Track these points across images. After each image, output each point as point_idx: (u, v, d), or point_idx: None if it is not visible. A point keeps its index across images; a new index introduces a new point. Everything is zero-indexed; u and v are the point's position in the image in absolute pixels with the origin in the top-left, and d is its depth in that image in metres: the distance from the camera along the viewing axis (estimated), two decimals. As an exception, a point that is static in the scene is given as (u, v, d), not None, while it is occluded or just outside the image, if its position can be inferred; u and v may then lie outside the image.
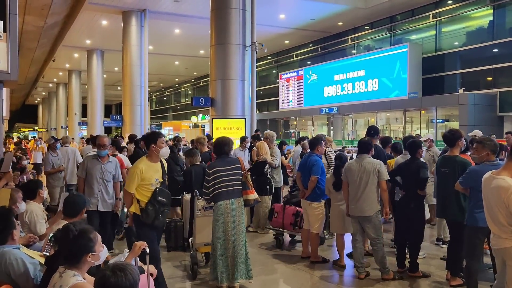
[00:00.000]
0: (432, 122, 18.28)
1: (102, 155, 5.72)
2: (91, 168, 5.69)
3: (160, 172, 4.42)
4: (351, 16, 19.60)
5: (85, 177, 5.71)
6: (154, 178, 4.33)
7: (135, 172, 4.28)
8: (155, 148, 4.39)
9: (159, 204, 4.30)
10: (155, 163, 4.42)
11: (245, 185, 4.95)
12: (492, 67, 16.16)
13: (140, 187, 4.30)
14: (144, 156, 4.48)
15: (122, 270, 2.14)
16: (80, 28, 20.33)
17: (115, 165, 5.85)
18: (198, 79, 37.46)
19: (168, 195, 4.41)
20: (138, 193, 4.32)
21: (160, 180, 4.39)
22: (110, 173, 5.75)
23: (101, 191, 5.68)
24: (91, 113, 26.58)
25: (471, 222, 4.24)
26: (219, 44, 11.77)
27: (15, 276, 2.95)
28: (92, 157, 5.73)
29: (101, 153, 5.70)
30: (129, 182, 4.32)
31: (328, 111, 21.98)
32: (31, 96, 50.62)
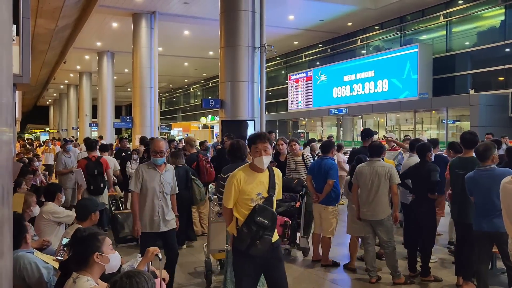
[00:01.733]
0: (443, 123, 18.14)
1: (158, 163, 4.62)
2: (149, 180, 4.54)
3: (266, 185, 3.43)
4: (360, 17, 19.51)
5: (140, 192, 4.58)
6: (256, 192, 3.39)
7: (232, 182, 3.41)
8: (254, 155, 3.47)
9: (258, 226, 3.30)
10: (260, 173, 3.46)
11: None
12: (504, 67, 15.99)
13: (239, 202, 3.43)
14: (247, 164, 3.58)
15: (130, 277, 2.15)
16: (91, 30, 20.49)
17: (172, 174, 4.81)
18: (207, 80, 37.55)
19: (272, 216, 3.37)
20: (236, 209, 3.45)
21: (264, 195, 3.41)
22: (169, 184, 4.69)
23: (162, 208, 4.57)
24: (102, 114, 26.78)
25: (477, 227, 4.25)
26: (229, 46, 11.79)
27: (29, 280, 2.99)
28: (147, 166, 4.63)
29: (157, 161, 4.60)
30: (225, 195, 3.50)
31: (337, 112, 21.92)
32: (42, 98, 51.12)
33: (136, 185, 4.54)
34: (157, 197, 4.54)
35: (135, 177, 4.61)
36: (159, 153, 4.59)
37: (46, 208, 4.58)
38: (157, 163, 4.60)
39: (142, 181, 4.54)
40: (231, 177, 3.48)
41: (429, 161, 5.25)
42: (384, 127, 20.68)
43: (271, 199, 3.45)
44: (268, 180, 3.47)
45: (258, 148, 3.39)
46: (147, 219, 4.52)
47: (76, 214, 3.88)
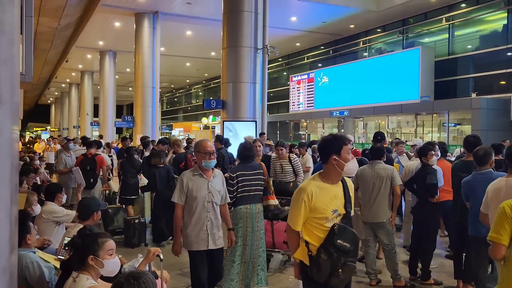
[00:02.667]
0: (444, 126, 18.13)
1: (210, 166, 3.98)
2: (195, 189, 3.88)
3: (341, 199, 2.89)
4: (363, 19, 19.51)
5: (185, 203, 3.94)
6: (331, 208, 2.82)
7: (301, 198, 2.78)
8: (338, 162, 2.81)
9: (338, 251, 2.74)
10: (335, 185, 2.89)
11: (267, 191, 5.15)
12: (506, 71, 15.98)
13: (309, 223, 2.82)
14: (317, 174, 2.94)
15: (136, 278, 2.16)
16: (93, 29, 20.52)
17: (222, 180, 4.11)
18: (209, 80, 37.57)
19: (354, 238, 2.84)
20: (306, 230, 2.83)
21: (341, 212, 2.86)
22: (219, 192, 3.99)
23: (211, 221, 3.90)
24: (103, 114, 26.80)
25: (473, 232, 4.26)
26: (231, 47, 11.79)
27: (31, 279, 2.99)
28: (193, 172, 3.97)
29: (209, 164, 3.94)
30: (293, 214, 2.86)
31: (339, 114, 21.91)
32: (44, 96, 51.15)
33: (181, 197, 3.89)
34: (205, 208, 3.88)
35: (179, 187, 3.93)
36: (212, 154, 3.95)
37: (46, 207, 4.59)
38: (209, 166, 3.94)
39: (188, 191, 3.88)
40: (299, 192, 2.82)
41: (427, 165, 5.24)
42: (385, 130, 20.66)
43: (349, 217, 2.91)
44: (343, 193, 2.91)
45: (343, 155, 2.81)
46: (193, 235, 3.87)
47: (78, 213, 3.89)
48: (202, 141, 4.09)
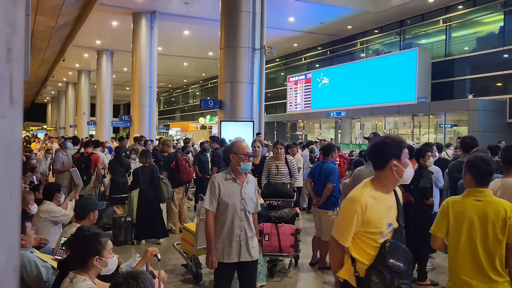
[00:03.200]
0: (441, 127, 18.20)
1: (247, 170, 3.64)
2: (227, 195, 3.53)
3: (395, 211, 2.53)
4: (360, 20, 19.55)
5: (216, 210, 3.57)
6: (386, 222, 2.45)
7: (353, 210, 2.42)
8: (398, 168, 2.45)
9: (392, 272, 2.37)
10: (389, 194, 2.55)
11: None
12: (502, 73, 16.05)
13: (360, 237, 2.46)
14: (367, 180, 2.56)
15: (135, 278, 2.16)
16: (91, 28, 20.47)
17: (254, 187, 3.75)
18: (206, 80, 37.55)
19: (407, 256, 2.47)
20: (354, 246, 2.47)
21: (395, 226, 2.50)
22: (252, 199, 3.64)
23: (244, 231, 3.54)
24: (100, 113, 26.73)
25: None
26: (229, 47, 11.79)
27: (28, 279, 2.98)
28: (225, 176, 3.59)
29: (247, 167, 3.60)
30: (341, 227, 2.51)
31: (336, 115, 21.95)
32: (40, 95, 51.01)
33: (212, 202, 3.53)
34: (238, 216, 3.52)
35: (210, 191, 3.57)
36: (250, 156, 3.62)
37: (43, 207, 4.57)
38: (247, 169, 3.60)
39: (219, 196, 3.53)
40: (351, 202, 2.46)
41: (424, 167, 5.25)
42: (382, 131, 20.72)
43: (401, 231, 2.52)
44: (396, 204, 2.55)
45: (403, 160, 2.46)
46: (224, 246, 3.52)
47: (75, 212, 3.88)
48: (239, 142, 3.73)
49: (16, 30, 0.38)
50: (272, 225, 5.45)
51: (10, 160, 0.38)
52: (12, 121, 0.38)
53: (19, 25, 0.41)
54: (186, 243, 5.51)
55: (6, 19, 0.36)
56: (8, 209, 0.39)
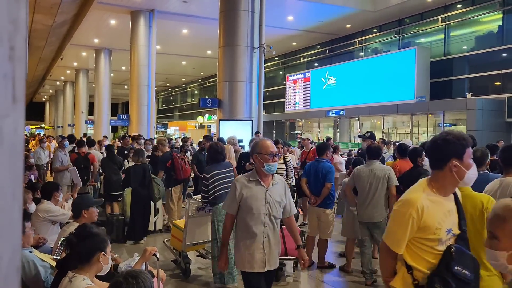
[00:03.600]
0: (439, 126, 18.21)
1: (272, 171, 3.32)
2: (250, 198, 3.25)
3: (456, 215, 2.31)
4: (359, 19, 19.55)
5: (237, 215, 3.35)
6: (445, 228, 2.24)
7: (408, 214, 2.20)
8: (458, 169, 2.22)
9: (458, 281, 2.15)
10: (448, 197, 2.32)
11: None
12: (501, 72, 16.07)
13: (415, 244, 2.26)
14: (423, 181, 2.34)
15: (135, 277, 2.16)
16: (89, 27, 20.42)
17: (284, 188, 3.41)
18: (204, 79, 37.52)
19: (474, 264, 2.25)
20: (410, 253, 2.27)
21: (455, 233, 2.29)
22: (279, 203, 3.31)
23: (268, 238, 3.26)
24: (98, 112, 26.69)
25: None
26: (228, 46, 11.78)
27: (26, 278, 2.98)
28: (248, 178, 3.32)
29: (272, 168, 3.30)
30: (394, 233, 2.30)
31: (334, 114, 21.95)
32: (38, 94, 50.91)
33: (232, 205, 3.31)
34: (261, 222, 3.23)
35: (231, 194, 3.35)
36: (276, 156, 3.31)
37: (42, 206, 4.56)
38: (272, 170, 3.29)
39: (241, 199, 3.27)
40: (406, 205, 2.23)
41: (420, 166, 5.26)
42: (381, 130, 20.74)
43: (466, 238, 2.31)
44: (457, 208, 2.32)
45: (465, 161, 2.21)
46: (246, 254, 3.25)
47: (72, 212, 3.89)
48: (263, 141, 3.44)
49: (19, 28, 0.38)
50: None
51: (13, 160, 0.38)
52: (15, 120, 0.38)
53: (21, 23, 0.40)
54: (175, 239, 5.60)
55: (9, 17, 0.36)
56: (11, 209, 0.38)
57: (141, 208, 6.90)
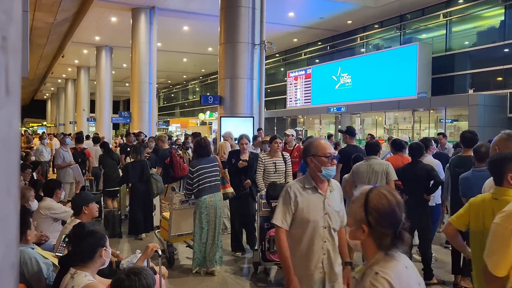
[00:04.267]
0: (441, 122, 18.16)
1: (330, 176, 2.82)
2: (306, 209, 2.77)
3: None
4: (360, 15, 19.48)
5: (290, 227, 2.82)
6: None
7: (509, 229, 1.95)
8: None
9: None
10: None
11: (224, 180, 5.94)
12: (503, 67, 16.00)
13: None
14: None
15: (137, 274, 2.17)
16: (90, 24, 20.40)
17: (340, 196, 2.96)
18: (206, 76, 37.47)
19: None
20: None
21: None
22: (338, 213, 2.86)
23: (328, 253, 2.78)
24: (100, 109, 26.69)
25: None
26: (228, 43, 11.76)
27: (29, 275, 2.98)
28: (302, 184, 2.82)
29: (330, 173, 2.79)
30: (495, 253, 2.02)
31: (336, 110, 21.91)
32: (40, 92, 50.93)
33: (285, 218, 2.78)
34: (320, 237, 2.76)
35: (282, 203, 2.82)
36: (334, 158, 2.79)
37: (44, 203, 4.57)
38: (330, 175, 2.79)
39: (296, 210, 2.77)
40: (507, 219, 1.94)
41: (421, 161, 5.23)
42: (382, 126, 20.70)
43: None
44: None
45: None
46: (303, 275, 2.78)
47: (72, 209, 3.91)
48: (319, 141, 2.88)
49: (12, 18, 0.36)
50: None
51: (7, 155, 0.37)
52: (9, 113, 0.37)
53: (15, 13, 0.39)
54: (164, 231, 5.99)
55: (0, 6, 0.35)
56: (6, 204, 0.37)
57: (140, 204, 7.04)
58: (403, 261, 1.61)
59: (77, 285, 2.40)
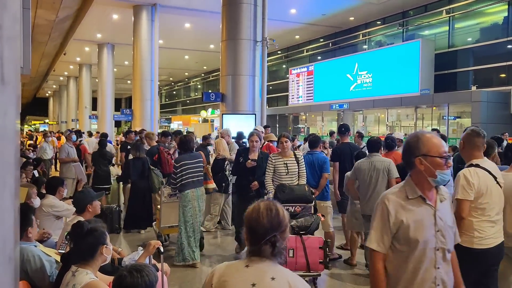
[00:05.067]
0: (444, 119, 18.11)
1: (444, 182, 2.23)
2: (414, 226, 2.17)
3: None
4: (363, 11, 19.42)
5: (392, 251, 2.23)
6: None
7: None
8: None
9: None
10: None
11: (206, 176, 6.16)
12: (506, 64, 15.94)
13: None
14: None
15: (139, 271, 2.17)
16: (91, 22, 20.39)
17: (450, 202, 2.39)
18: (207, 73, 37.45)
19: None
20: None
21: None
22: (452, 228, 2.29)
23: (442, 284, 2.20)
24: (101, 107, 26.71)
25: None
26: (230, 40, 11.73)
27: (32, 272, 2.98)
28: (405, 193, 2.25)
29: (445, 178, 2.21)
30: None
31: (338, 107, 21.88)
32: (42, 89, 50.97)
33: (382, 239, 2.21)
34: (431, 262, 2.17)
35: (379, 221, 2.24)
36: (448, 159, 2.19)
37: (46, 201, 4.57)
38: (444, 180, 2.19)
39: (398, 229, 2.17)
40: None
41: None
42: (385, 123, 20.66)
43: None
44: None
45: None
46: None
47: (75, 207, 3.90)
48: (430, 137, 2.23)
49: (6, 6, 0.35)
50: (296, 237, 4.35)
51: (3, 145, 0.36)
52: (4, 103, 0.36)
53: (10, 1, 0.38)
54: (158, 222, 6.38)
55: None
56: (1, 197, 0.37)
57: (141, 200, 7.20)
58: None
59: (78, 283, 2.39)
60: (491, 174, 3.22)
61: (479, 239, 3.07)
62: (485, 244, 3.08)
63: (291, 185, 5.12)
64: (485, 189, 3.13)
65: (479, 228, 3.09)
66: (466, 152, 3.40)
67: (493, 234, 3.12)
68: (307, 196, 4.94)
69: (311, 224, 4.57)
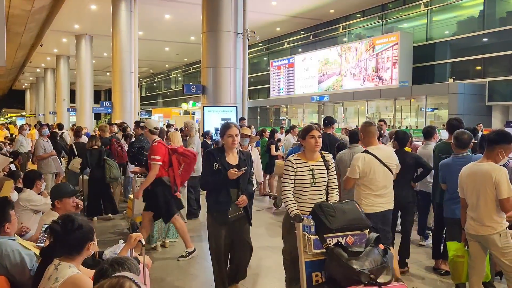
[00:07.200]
0: (422, 111, 18.43)
1: None
2: None
3: None
4: (343, 4, 19.52)
5: None
6: None
7: None
8: None
9: None
10: None
11: None
12: (482, 56, 16.28)
13: None
14: None
15: (121, 264, 2.16)
16: (69, 12, 19.94)
17: None
18: (188, 65, 37.15)
19: None
20: None
21: None
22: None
23: None
24: (80, 99, 26.24)
25: (448, 214, 4.37)
26: (211, 31, 11.67)
27: (11, 267, 2.94)
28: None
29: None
30: None
31: (319, 99, 22.02)
32: (18, 81, 49.78)
33: None
34: None
35: None
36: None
37: (23, 195, 4.50)
38: None
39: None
40: None
41: (407, 151, 5.24)
42: (364, 115, 20.89)
43: None
44: None
45: None
46: None
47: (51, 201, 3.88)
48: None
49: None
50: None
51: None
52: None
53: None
54: (129, 210, 6.61)
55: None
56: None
57: (97, 188, 7.45)
58: None
59: (61, 276, 2.38)
60: (377, 158, 4.06)
61: (365, 205, 3.97)
62: (370, 210, 3.97)
63: (337, 205, 3.30)
64: (369, 170, 4.05)
65: (365, 198, 4.10)
66: (365, 140, 4.28)
67: (377, 203, 4.09)
68: (364, 219, 3.30)
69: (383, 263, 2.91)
